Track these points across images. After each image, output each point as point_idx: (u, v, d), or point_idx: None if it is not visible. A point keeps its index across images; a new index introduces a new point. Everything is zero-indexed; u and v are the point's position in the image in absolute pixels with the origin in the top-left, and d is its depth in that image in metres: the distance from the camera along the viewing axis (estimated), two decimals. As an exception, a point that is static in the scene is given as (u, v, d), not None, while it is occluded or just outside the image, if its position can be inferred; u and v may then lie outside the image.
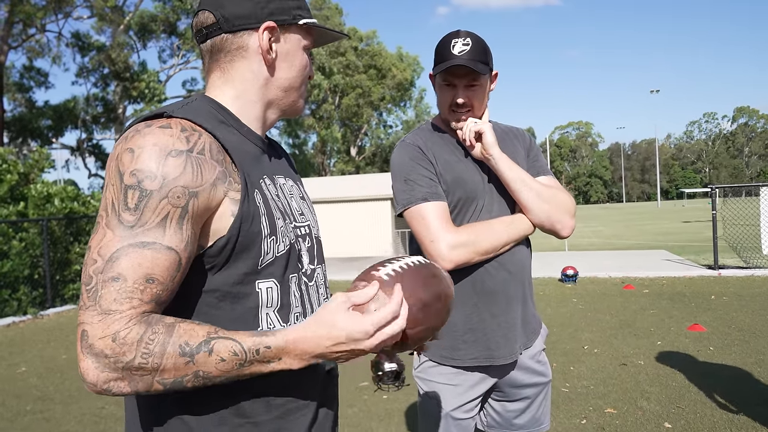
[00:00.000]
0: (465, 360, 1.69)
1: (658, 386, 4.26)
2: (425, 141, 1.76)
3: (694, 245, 15.38)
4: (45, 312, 8.69)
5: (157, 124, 0.91)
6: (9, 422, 4.19)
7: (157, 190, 0.86)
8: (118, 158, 0.89)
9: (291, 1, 1.07)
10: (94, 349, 0.81)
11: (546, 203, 1.69)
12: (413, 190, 1.68)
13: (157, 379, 0.84)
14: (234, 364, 0.86)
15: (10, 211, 8.94)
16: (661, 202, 74.61)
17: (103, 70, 27.54)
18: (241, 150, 1.00)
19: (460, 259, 1.60)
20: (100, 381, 0.82)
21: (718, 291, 8.09)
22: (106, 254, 0.84)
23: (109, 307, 0.82)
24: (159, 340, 0.83)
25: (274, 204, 1.02)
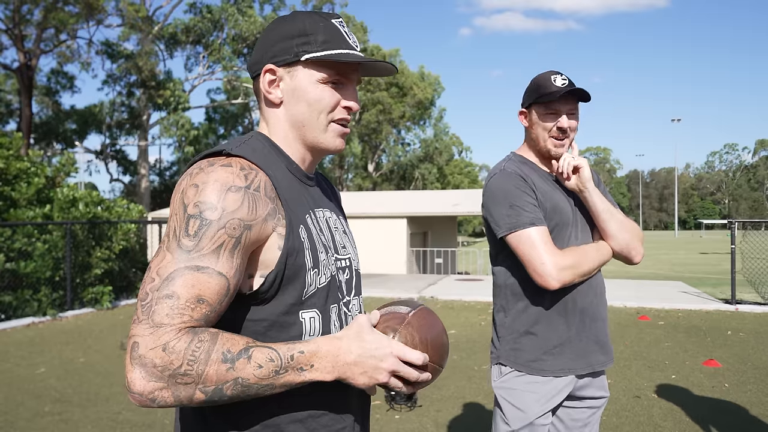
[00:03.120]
0: (554, 371, 1.84)
1: (671, 420, 4.24)
2: (524, 170, 1.92)
3: (711, 278, 15.22)
4: (64, 314, 8.83)
5: (219, 162, 0.99)
6: (27, 422, 4.28)
7: (216, 220, 0.94)
8: (183, 192, 0.97)
9: (297, 38, 1.08)
10: (143, 360, 0.87)
11: (627, 233, 1.91)
12: (520, 216, 1.82)
13: (200, 387, 0.88)
14: (270, 371, 0.91)
15: (36, 213, 9.15)
16: (679, 232, 73.77)
17: (130, 78, 28.07)
18: (289, 187, 1.08)
19: (566, 279, 1.77)
20: (146, 391, 0.87)
21: (734, 326, 8.01)
22: (164, 274, 0.92)
23: (161, 320, 0.89)
24: (204, 348, 0.89)
25: (318, 238, 1.09)
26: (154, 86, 26.74)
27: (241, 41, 30.70)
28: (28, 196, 9.33)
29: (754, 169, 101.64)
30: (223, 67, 31.67)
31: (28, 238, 8.73)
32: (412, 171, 51.12)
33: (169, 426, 4.19)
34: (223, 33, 30.83)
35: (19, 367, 5.91)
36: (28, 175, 9.56)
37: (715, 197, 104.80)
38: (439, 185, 49.94)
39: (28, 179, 9.51)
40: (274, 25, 1.13)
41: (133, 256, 10.92)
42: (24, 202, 9.31)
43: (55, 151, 31.30)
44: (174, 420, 1.13)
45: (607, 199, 1.96)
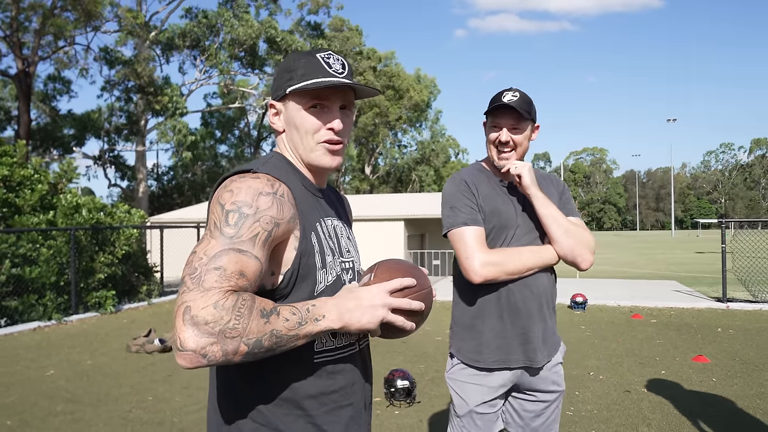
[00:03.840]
0: (488, 362, 2.03)
1: (660, 413, 4.43)
2: (471, 177, 2.13)
3: (706, 277, 15.43)
4: (69, 318, 8.99)
5: (249, 176, 1.20)
6: (41, 421, 4.45)
7: (252, 215, 1.13)
8: (219, 197, 1.17)
9: (285, 75, 1.30)
10: (195, 319, 1.02)
11: (571, 239, 2.02)
12: (456, 216, 2.04)
13: (244, 339, 1.03)
14: (294, 322, 1.09)
15: (41, 220, 9.31)
16: (676, 232, 74.12)
17: (128, 84, 28.22)
18: (303, 199, 1.28)
19: (489, 275, 1.95)
20: (199, 347, 1.00)
21: (724, 324, 8.21)
22: (211, 254, 1.09)
23: (211, 285, 1.05)
24: (247, 305, 1.05)
25: (326, 243, 1.30)
26: (153, 92, 26.88)
27: (237, 46, 30.86)
28: (32, 203, 9.49)
29: (749, 168, 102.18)
30: (220, 71, 31.82)
31: (33, 243, 8.89)
32: (409, 173, 51.33)
33: (179, 424, 4.36)
34: (219, 38, 31.00)
35: (29, 369, 6.08)
36: (31, 182, 9.72)
37: (711, 196, 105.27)
38: (436, 187, 50.13)
39: (32, 186, 9.67)
40: (277, 68, 1.37)
41: (135, 261, 11.08)
42: (28, 209, 9.46)
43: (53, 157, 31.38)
44: (208, 399, 1.32)
45: (566, 206, 2.13)
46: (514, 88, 2.06)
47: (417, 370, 5.72)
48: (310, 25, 35.34)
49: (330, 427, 1.25)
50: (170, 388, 5.30)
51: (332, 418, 1.26)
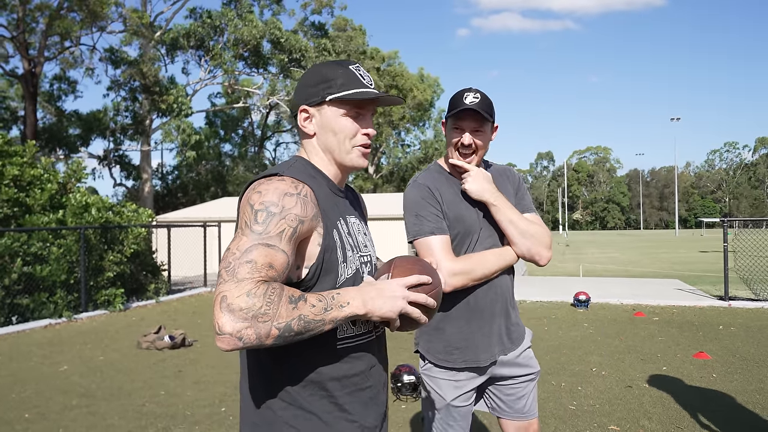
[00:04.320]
0: (457, 362, 2.11)
1: (661, 408, 4.53)
2: (434, 182, 2.17)
3: (710, 275, 15.49)
4: (79, 316, 9.13)
5: (275, 179, 1.32)
6: (58, 415, 4.58)
7: (278, 213, 1.25)
8: (248, 198, 1.29)
9: (322, 84, 1.40)
10: (231, 306, 1.13)
11: (528, 240, 2.10)
12: (422, 224, 2.08)
13: (275, 323, 1.14)
14: (321, 308, 1.20)
15: (50, 219, 9.45)
16: (680, 231, 74.03)
17: (133, 84, 28.40)
18: (325, 198, 1.40)
19: (458, 284, 2.02)
20: (235, 330, 1.11)
21: (726, 321, 8.30)
22: (242, 248, 1.21)
23: (243, 276, 1.17)
24: (277, 292, 1.16)
25: (347, 239, 1.42)
26: (158, 92, 27.04)
27: (241, 45, 31.01)
28: (42, 202, 9.63)
29: (754, 167, 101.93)
30: (224, 71, 31.99)
31: (44, 242, 9.03)
32: (412, 172, 51.43)
33: (191, 417, 4.49)
34: (224, 38, 31.15)
35: (42, 365, 6.21)
36: (41, 181, 9.87)
37: (715, 195, 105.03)
38: (440, 186, 50.16)
39: (42, 186, 9.81)
40: (303, 76, 1.47)
41: (143, 260, 11.22)
42: (38, 208, 9.60)
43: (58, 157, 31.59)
44: (239, 384, 1.44)
45: (522, 203, 2.20)
46: (474, 89, 2.06)
47: (422, 366, 5.83)
48: (314, 25, 35.49)
49: (351, 407, 1.37)
50: (181, 384, 5.42)
51: (353, 398, 1.38)
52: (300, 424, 1.32)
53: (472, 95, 2.04)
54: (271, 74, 33.84)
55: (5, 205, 9.14)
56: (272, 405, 1.34)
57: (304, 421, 1.32)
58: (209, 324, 8.74)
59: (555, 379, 5.34)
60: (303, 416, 1.33)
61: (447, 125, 2.14)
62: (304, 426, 1.32)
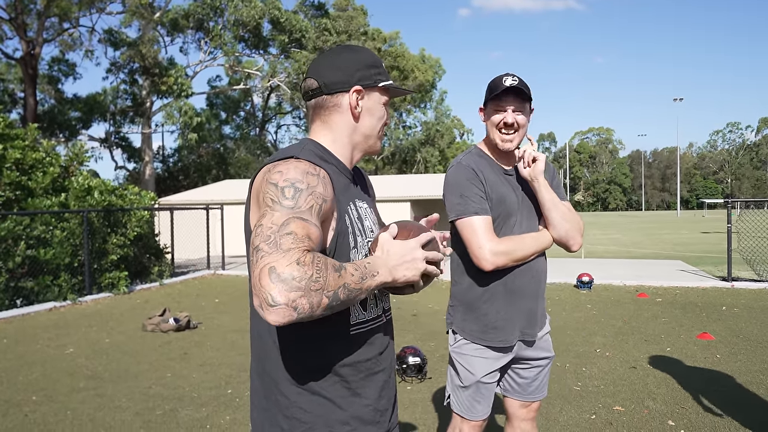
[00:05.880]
0: (494, 341, 2.18)
1: (665, 388, 4.55)
2: (477, 164, 2.20)
3: (712, 256, 15.49)
4: (83, 299, 9.16)
5: (293, 160, 1.29)
6: (65, 397, 4.60)
7: (305, 189, 1.22)
8: (267, 179, 1.24)
9: (373, 68, 1.44)
10: (282, 276, 1.08)
11: (567, 224, 2.17)
12: (467, 205, 2.12)
13: (325, 292, 1.10)
14: (359, 276, 1.18)
15: (53, 202, 9.44)
16: (681, 212, 73.96)
17: (133, 65, 28.21)
18: (338, 182, 1.38)
19: (499, 263, 2.08)
20: (290, 300, 1.05)
21: (729, 302, 8.31)
22: (278, 222, 1.16)
23: (289, 247, 1.12)
24: (323, 261, 1.12)
25: (357, 224, 1.41)
26: (158, 73, 26.87)
27: (242, 27, 30.73)
28: (45, 186, 9.61)
29: (756, 147, 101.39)
30: (225, 52, 31.75)
31: (47, 226, 9.03)
32: (414, 154, 51.28)
33: (198, 399, 4.51)
34: (224, 18, 30.86)
35: (48, 348, 6.24)
36: (43, 164, 9.84)
37: (717, 176, 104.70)
38: (441, 168, 50.10)
39: (44, 169, 9.78)
40: (348, 55, 1.44)
41: (147, 242, 11.23)
42: (40, 191, 9.58)
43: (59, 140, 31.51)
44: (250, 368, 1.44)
45: (558, 191, 2.24)
46: (510, 74, 2.12)
47: (427, 347, 5.86)
48: (314, 5, 35.10)
49: (364, 391, 1.38)
50: (187, 366, 5.45)
51: (367, 383, 1.39)
52: (314, 409, 1.32)
53: (510, 78, 2.09)
54: (272, 55, 33.57)
55: (7, 188, 9.12)
56: (285, 391, 1.33)
57: (318, 405, 1.32)
58: (213, 307, 8.77)
59: (559, 360, 5.36)
60: (317, 401, 1.33)
61: (487, 109, 2.19)
62: (318, 410, 1.32)
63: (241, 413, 4.18)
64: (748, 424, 3.76)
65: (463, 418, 2.23)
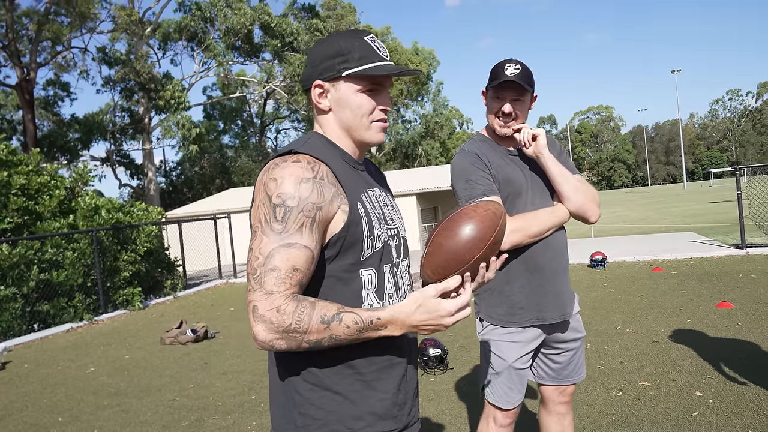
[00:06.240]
0: (522, 321, 2.14)
1: (689, 360, 4.52)
2: (479, 149, 2.20)
3: (722, 226, 15.39)
4: (99, 317, 9.21)
5: (291, 159, 1.27)
6: (91, 415, 4.62)
7: (296, 206, 1.22)
8: (264, 185, 1.25)
9: (338, 57, 1.32)
10: (263, 318, 1.16)
11: (581, 195, 2.13)
12: (474, 188, 2.11)
13: (305, 339, 1.17)
14: (355, 330, 1.19)
15: (62, 224, 9.48)
16: (688, 184, 73.53)
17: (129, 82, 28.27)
18: (345, 173, 1.34)
19: (515, 241, 2.05)
20: (267, 340, 1.17)
21: (746, 269, 8.25)
22: (265, 252, 1.20)
23: (271, 289, 1.18)
24: (307, 312, 1.17)
25: (372, 212, 1.37)
26: (154, 88, 26.93)
27: (232, 35, 30.72)
28: (52, 209, 9.66)
29: (759, 113, 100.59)
30: (218, 63, 31.76)
31: (57, 248, 9.07)
32: (415, 148, 51.20)
33: (223, 407, 4.52)
34: (215, 28, 30.87)
35: (69, 368, 6.27)
36: (48, 188, 9.88)
37: (721, 145, 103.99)
38: (444, 160, 50.01)
39: (50, 192, 9.82)
40: (316, 47, 1.39)
41: (157, 257, 11.27)
42: (48, 215, 9.63)
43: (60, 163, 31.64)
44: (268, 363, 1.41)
45: (567, 166, 2.21)
46: (514, 60, 2.10)
47: (446, 338, 5.84)
48: (303, 7, 35.04)
49: (379, 385, 1.33)
50: (209, 375, 5.46)
51: (382, 375, 1.34)
52: (326, 405, 1.30)
53: (512, 66, 2.08)
54: (266, 61, 33.58)
55: (15, 214, 9.17)
56: (298, 387, 1.32)
57: (330, 401, 1.30)
58: (229, 315, 8.79)
59: (580, 340, 5.33)
60: (329, 396, 1.30)
61: (488, 95, 2.19)
62: (331, 406, 1.30)
63: (267, 418, 4.18)
64: (777, 389, 3.72)
65: (497, 407, 2.20)
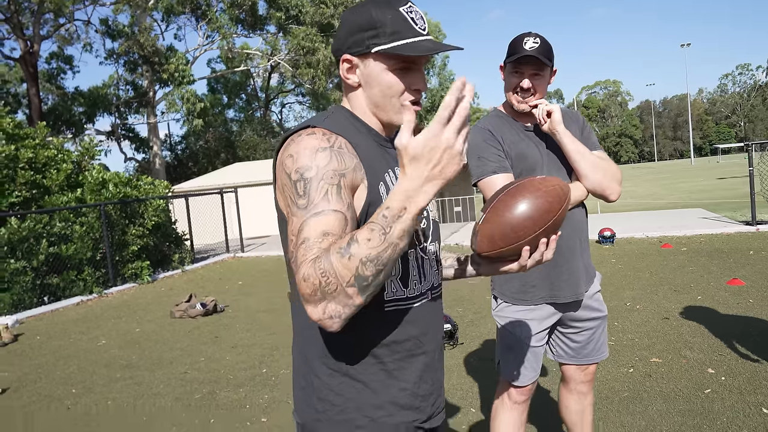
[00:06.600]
0: (534, 299, 2.13)
1: (700, 337, 4.51)
2: (493, 125, 2.16)
3: (730, 202, 15.28)
4: (109, 291, 9.26)
5: (305, 133, 1.19)
6: (104, 387, 4.67)
7: (314, 176, 1.13)
8: (282, 164, 1.18)
9: (369, 31, 1.21)
10: (304, 297, 1.07)
11: (599, 173, 2.06)
12: (485, 165, 2.07)
13: (344, 286, 1.02)
14: (378, 236, 1.01)
15: (70, 198, 9.48)
16: (695, 159, 72.97)
17: (132, 55, 28.04)
18: (368, 149, 1.24)
19: None
20: (321, 315, 1.06)
21: (756, 246, 8.20)
22: (296, 231, 1.12)
23: (301, 260, 1.08)
24: (323, 258, 1.03)
25: None
26: (158, 62, 26.70)
27: (237, 7, 30.31)
28: (59, 182, 9.64)
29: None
30: (222, 36, 31.38)
31: (66, 222, 9.08)
32: (420, 124, 50.73)
33: (234, 380, 4.55)
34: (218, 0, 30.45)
35: (80, 341, 6.32)
36: (56, 162, 9.85)
37: (730, 120, 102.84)
38: (449, 134, 49.59)
39: (57, 166, 9.80)
40: (348, 15, 1.29)
41: (165, 231, 11.28)
42: (56, 188, 9.62)
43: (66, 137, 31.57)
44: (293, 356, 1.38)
45: (589, 141, 2.14)
46: (533, 33, 2.04)
47: (456, 313, 5.85)
48: (308, -23, 34.45)
49: (402, 374, 1.27)
50: (219, 349, 5.49)
51: (405, 364, 1.28)
52: (345, 391, 1.25)
53: (531, 40, 2.02)
54: (270, 34, 33.18)
55: (23, 188, 9.16)
56: (318, 371, 1.27)
57: (349, 388, 1.25)
58: (237, 289, 8.83)
59: (590, 316, 5.33)
60: (349, 383, 1.25)
61: (506, 69, 2.13)
62: (350, 393, 1.25)
63: (278, 392, 4.21)
64: (790, 366, 3.71)
65: (511, 385, 2.20)
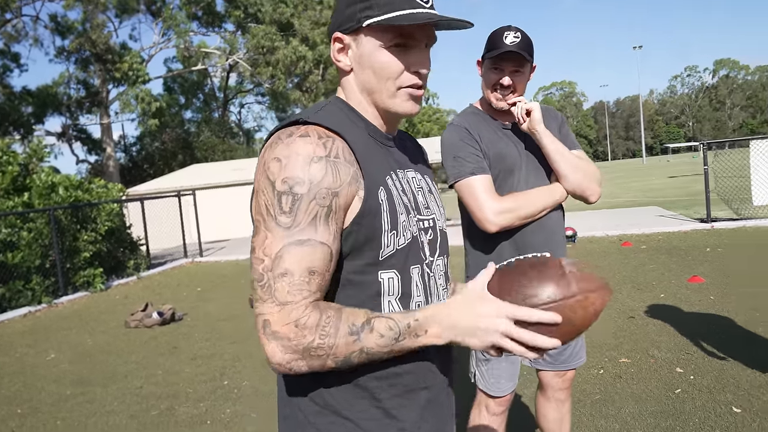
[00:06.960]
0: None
1: (667, 335, 4.53)
2: (470, 122, 2.04)
3: (683, 200, 15.70)
4: (59, 300, 8.82)
5: (297, 133, 1.00)
6: (53, 407, 4.37)
7: (306, 193, 0.96)
8: (265, 167, 0.99)
9: (360, 3, 1.05)
10: (277, 335, 0.94)
11: (579, 173, 1.98)
12: (462, 166, 1.96)
13: (331, 357, 0.96)
14: (390, 338, 0.97)
15: (16, 203, 8.99)
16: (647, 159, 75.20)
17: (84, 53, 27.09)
18: (367, 150, 1.07)
19: (504, 223, 1.92)
20: (285, 361, 0.96)
21: (712, 243, 8.39)
22: (271, 253, 0.96)
23: (285, 299, 0.95)
24: (332, 323, 0.95)
25: (399, 199, 1.08)
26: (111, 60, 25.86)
27: (194, 4, 29.66)
28: (5, 186, 9.15)
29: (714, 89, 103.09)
30: (177, 34, 30.65)
31: (12, 228, 8.61)
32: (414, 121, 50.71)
33: (194, 394, 4.34)
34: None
35: (27, 355, 5.96)
36: (1, 164, 9.34)
37: (679, 121, 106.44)
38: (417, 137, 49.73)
39: (2, 169, 9.30)
40: None
41: (119, 236, 10.86)
42: (1, 193, 9.13)
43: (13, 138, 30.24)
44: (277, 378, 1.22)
45: (567, 140, 2.06)
46: (513, 27, 1.95)
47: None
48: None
49: (400, 412, 1.10)
50: (178, 361, 5.25)
51: (403, 401, 1.10)
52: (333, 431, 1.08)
53: (512, 35, 1.92)
54: (229, 32, 32.59)
55: (-36, 192, 8.66)
56: (302, 406, 1.10)
57: (339, 427, 1.07)
58: (196, 296, 8.53)
59: (556, 317, 5.31)
60: (338, 422, 1.07)
61: (484, 64, 2.03)
62: None
63: (241, 405, 4.02)
64: (753, 363, 3.75)
65: (488, 395, 2.10)
